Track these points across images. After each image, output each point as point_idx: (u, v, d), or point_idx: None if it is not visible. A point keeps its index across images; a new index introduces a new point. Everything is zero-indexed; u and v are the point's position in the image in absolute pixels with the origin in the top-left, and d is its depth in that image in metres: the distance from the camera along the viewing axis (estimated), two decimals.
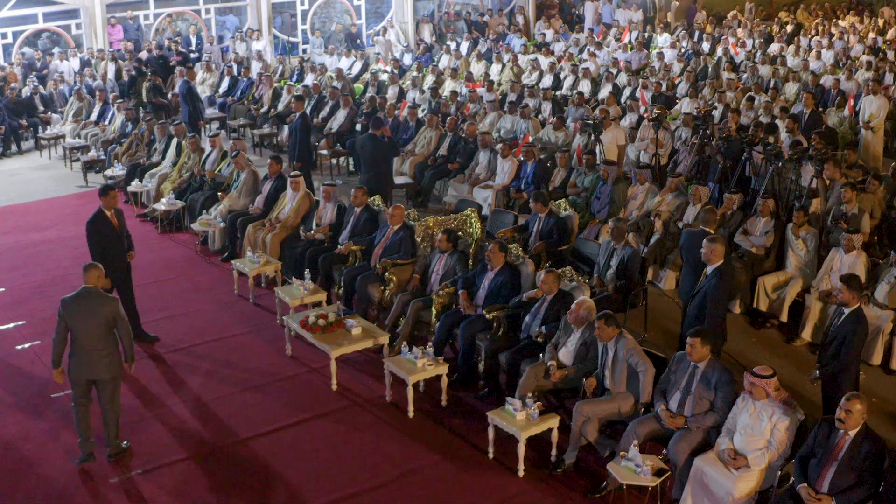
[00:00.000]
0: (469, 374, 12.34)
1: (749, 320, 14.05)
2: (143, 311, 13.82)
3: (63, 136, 24.38)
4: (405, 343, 12.16)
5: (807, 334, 13.29)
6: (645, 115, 21.07)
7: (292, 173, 16.71)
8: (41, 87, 27.47)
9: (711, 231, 12.49)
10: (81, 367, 10.48)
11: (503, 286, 12.55)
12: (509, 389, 11.31)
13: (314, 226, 15.60)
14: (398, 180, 19.47)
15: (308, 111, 21.43)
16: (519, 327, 12.12)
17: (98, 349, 10.45)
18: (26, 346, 13.64)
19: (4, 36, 30.62)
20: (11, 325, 14.34)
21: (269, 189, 16.90)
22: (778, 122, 19.67)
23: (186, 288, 15.73)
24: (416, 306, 13.10)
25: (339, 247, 14.83)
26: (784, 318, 13.73)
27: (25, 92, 26.97)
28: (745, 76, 26.49)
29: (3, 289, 15.72)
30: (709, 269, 11.40)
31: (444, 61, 30.94)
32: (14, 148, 25.50)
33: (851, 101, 22.14)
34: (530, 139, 19.84)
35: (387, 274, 13.69)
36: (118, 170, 20.87)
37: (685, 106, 22.37)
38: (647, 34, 34.23)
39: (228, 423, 11.63)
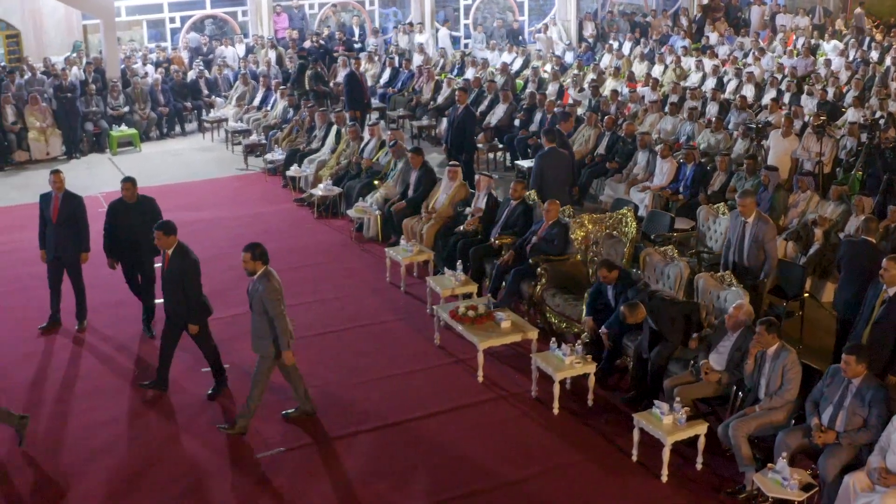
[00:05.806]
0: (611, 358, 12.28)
1: None
2: (295, 293, 14.05)
3: (226, 120, 24.98)
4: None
5: None
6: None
7: (451, 163, 16.77)
8: (206, 71, 28.18)
9: (872, 240, 12.09)
10: None
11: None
12: (656, 392, 11.17)
13: (468, 216, 15.61)
14: None
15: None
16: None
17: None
18: None
19: (172, 20, 31.56)
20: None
21: (415, 179, 17.07)
22: None
23: (339, 273, 15.95)
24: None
25: (491, 239, 14.78)
26: None
27: (191, 76, 27.73)
28: None
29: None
30: (890, 292, 10.89)
31: (606, 60, 30.69)
32: (178, 129, 26.26)
33: None
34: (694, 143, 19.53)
35: (539, 269, 13.61)
36: (278, 154, 21.30)
37: (851, 115, 21.77)
38: (813, 41, 33.39)
39: (372, 408, 11.76)
